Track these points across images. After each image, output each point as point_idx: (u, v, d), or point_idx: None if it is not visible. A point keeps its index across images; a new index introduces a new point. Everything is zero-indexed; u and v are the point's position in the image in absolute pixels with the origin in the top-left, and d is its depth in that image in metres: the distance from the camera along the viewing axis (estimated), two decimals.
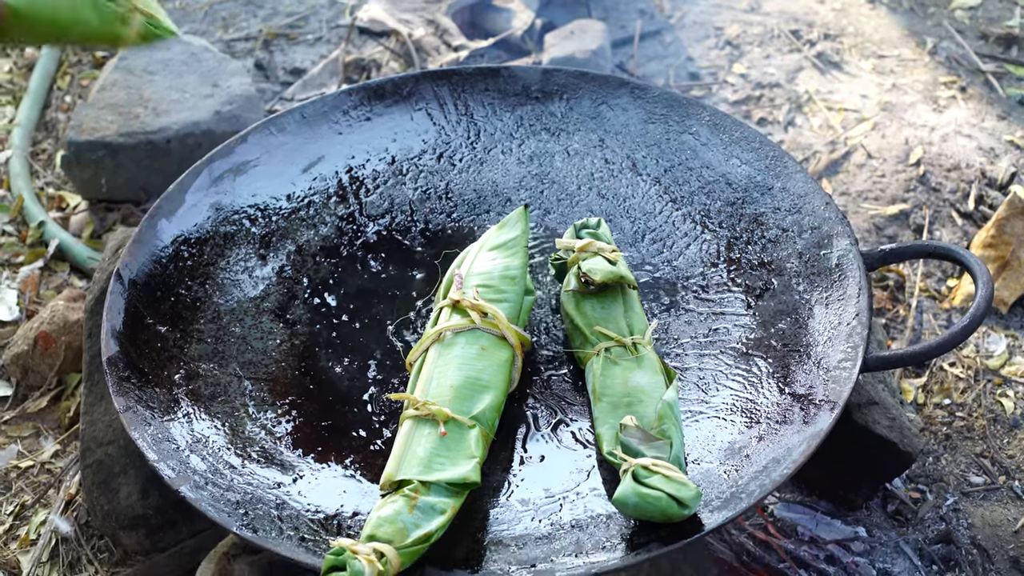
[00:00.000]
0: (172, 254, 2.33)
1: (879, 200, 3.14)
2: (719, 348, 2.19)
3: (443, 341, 2.01)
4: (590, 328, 2.09)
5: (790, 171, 2.42)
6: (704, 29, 3.87)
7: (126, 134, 3.15)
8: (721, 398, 2.09)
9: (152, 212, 2.36)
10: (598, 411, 1.98)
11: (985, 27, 3.83)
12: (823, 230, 2.29)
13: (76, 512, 2.43)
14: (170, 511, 2.25)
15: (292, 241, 2.44)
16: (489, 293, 2.07)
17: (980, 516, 2.41)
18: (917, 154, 3.27)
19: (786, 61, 3.69)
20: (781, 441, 1.94)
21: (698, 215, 2.45)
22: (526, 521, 1.89)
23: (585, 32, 3.56)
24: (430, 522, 1.75)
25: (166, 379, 2.11)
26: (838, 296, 2.17)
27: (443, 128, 2.66)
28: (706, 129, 2.56)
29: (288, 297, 2.34)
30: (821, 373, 2.04)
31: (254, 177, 2.52)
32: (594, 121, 2.65)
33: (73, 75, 3.78)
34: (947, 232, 3.04)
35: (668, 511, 1.75)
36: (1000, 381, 2.67)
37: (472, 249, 2.18)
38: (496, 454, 1.98)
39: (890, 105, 3.48)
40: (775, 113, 3.48)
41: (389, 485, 1.81)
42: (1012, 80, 3.60)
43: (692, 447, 1.98)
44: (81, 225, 3.21)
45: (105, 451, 2.29)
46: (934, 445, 2.54)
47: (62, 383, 2.72)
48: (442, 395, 1.92)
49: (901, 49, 3.75)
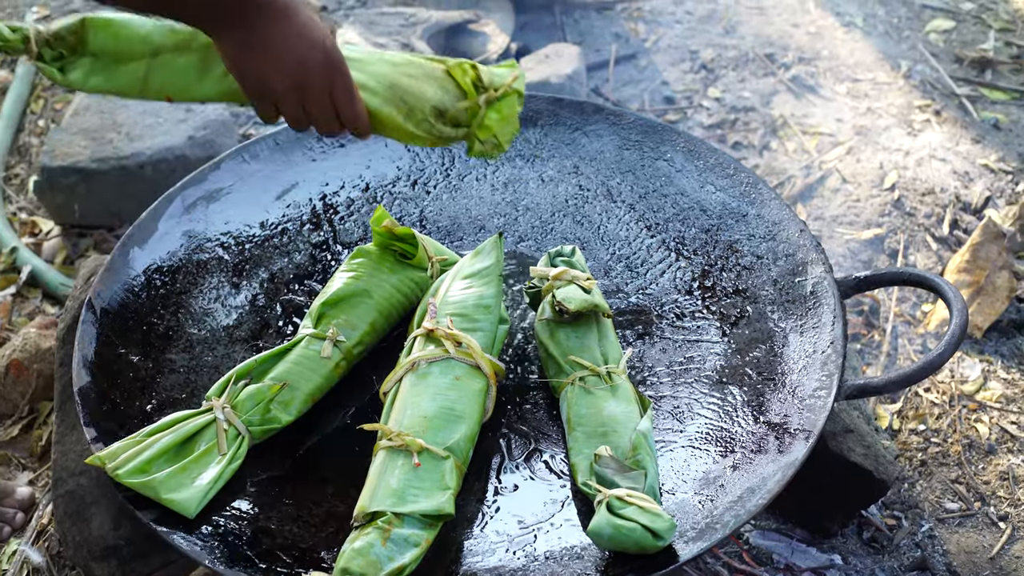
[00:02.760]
0: (144, 283, 2.32)
1: (854, 225, 3.14)
2: (694, 376, 2.18)
3: (417, 371, 2.00)
4: (564, 357, 2.08)
5: (765, 198, 2.42)
6: (679, 53, 3.88)
7: (99, 159, 3.14)
8: (696, 427, 2.08)
9: (124, 240, 2.35)
10: (572, 441, 1.97)
11: (959, 50, 3.84)
12: (798, 257, 2.29)
13: (48, 542, 2.41)
14: (142, 542, 2.23)
15: (265, 269, 2.43)
16: (463, 322, 2.06)
17: (956, 542, 2.41)
18: (892, 178, 3.27)
19: (761, 85, 3.70)
20: (756, 471, 1.94)
21: (673, 242, 2.45)
22: (500, 553, 1.88)
23: (560, 56, 3.56)
24: (404, 555, 1.74)
25: (138, 409, 2.10)
26: (813, 324, 2.16)
27: (417, 155, 2.65)
28: (681, 155, 2.56)
29: (261, 326, 2.32)
30: (796, 402, 2.04)
31: (227, 204, 2.51)
32: (569, 147, 2.64)
33: (47, 99, 3.77)
34: (922, 257, 3.04)
35: (643, 542, 1.75)
36: (975, 406, 2.67)
37: (446, 277, 2.17)
38: (470, 485, 1.97)
39: (865, 129, 3.49)
40: (750, 137, 3.48)
41: (362, 517, 1.80)
42: (986, 103, 3.61)
43: (667, 477, 1.98)
44: (54, 251, 3.19)
45: (77, 481, 2.28)
46: (909, 471, 2.54)
47: (34, 411, 2.70)
48: (416, 425, 1.91)
49: (876, 72, 3.76)
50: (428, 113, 2.10)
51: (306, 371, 2.08)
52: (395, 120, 2.09)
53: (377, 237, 2.26)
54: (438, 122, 2.11)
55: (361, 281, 2.21)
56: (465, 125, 2.13)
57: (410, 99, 2.09)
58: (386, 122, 2.09)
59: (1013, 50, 3.85)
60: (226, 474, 1.94)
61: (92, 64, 2.08)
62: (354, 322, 2.16)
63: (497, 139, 2.14)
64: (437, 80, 2.12)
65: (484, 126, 2.13)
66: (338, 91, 1.98)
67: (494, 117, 2.12)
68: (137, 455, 1.91)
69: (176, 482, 1.90)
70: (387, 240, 2.26)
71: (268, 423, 2.02)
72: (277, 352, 2.09)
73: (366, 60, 2.11)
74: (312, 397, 2.08)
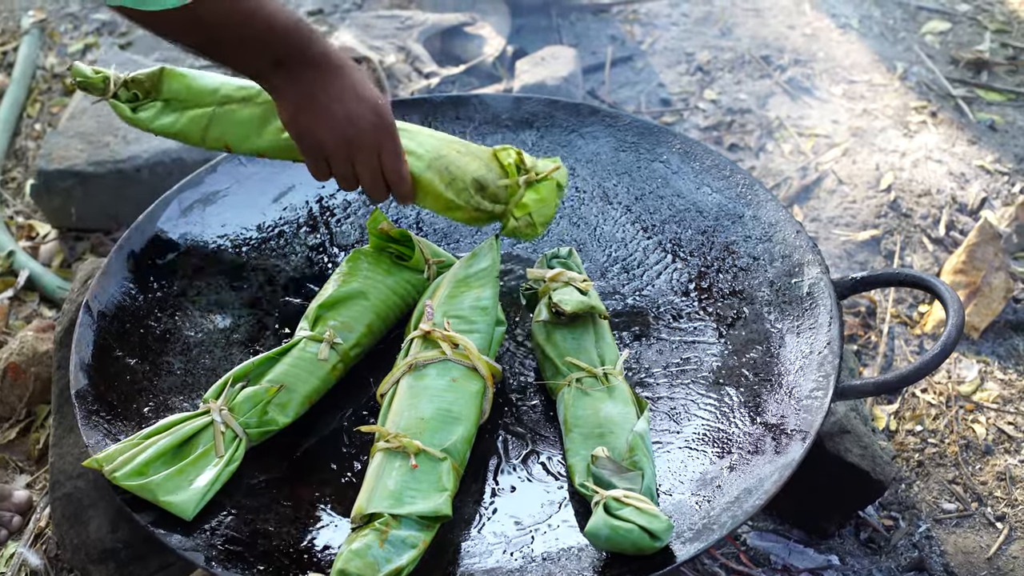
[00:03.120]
0: (141, 286, 2.32)
1: (850, 226, 3.14)
2: (690, 378, 2.18)
3: (414, 373, 2.00)
4: (561, 359, 2.08)
5: (761, 199, 2.42)
6: (675, 55, 3.88)
7: (96, 163, 3.14)
8: (692, 428, 2.08)
9: (121, 243, 2.35)
10: (570, 442, 1.98)
11: (955, 52, 3.85)
12: (794, 259, 2.29)
13: (46, 545, 2.41)
14: (140, 544, 2.23)
15: (262, 272, 2.43)
16: (460, 324, 2.06)
17: (953, 543, 2.41)
18: (888, 180, 3.28)
19: (757, 87, 3.70)
20: (753, 471, 1.94)
21: (669, 244, 2.45)
22: (497, 554, 1.88)
23: (556, 59, 3.56)
24: (401, 556, 1.74)
25: (135, 412, 2.10)
26: (809, 325, 2.17)
27: None
28: (677, 157, 2.56)
29: (258, 328, 2.32)
30: (793, 403, 2.04)
31: (224, 207, 2.51)
32: (565, 149, 2.64)
33: (43, 103, 3.77)
34: (918, 258, 3.04)
35: (640, 543, 1.75)
36: (972, 407, 2.67)
37: (443, 279, 2.17)
38: (467, 486, 1.97)
39: (861, 130, 3.49)
40: (746, 139, 3.48)
41: (360, 518, 1.80)
42: (982, 105, 3.62)
43: (664, 478, 1.98)
44: (51, 254, 3.19)
45: (75, 484, 2.28)
46: (906, 472, 2.55)
47: (31, 414, 2.70)
48: (413, 427, 1.91)
49: (872, 74, 3.76)
50: (469, 184, 2.19)
51: (303, 373, 2.08)
52: (437, 187, 2.17)
53: (374, 239, 2.27)
54: (478, 194, 2.20)
55: (358, 283, 2.21)
56: (503, 203, 2.21)
57: (454, 169, 2.19)
58: (428, 188, 2.18)
59: (1009, 51, 3.86)
60: (223, 476, 1.95)
61: (162, 108, 2.35)
62: (351, 324, 2.17)
63: (532, 219, 2.21)
64: (481, 158, 2.23)
65: (521, 204, 2.21)
66: (386, 152, 2.08)
67: (532, 197, 2.21)
68: (135, 457, 1.91)
69: (174, 484, 1.90)
70: (384, 242, 2.27)
71: (265, 425, 2.02)
72: (274, 354, 2.10)
73: (415, 130, 2.25)
74: (309, 399, 2.09)
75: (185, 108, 2.34)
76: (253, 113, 2.30)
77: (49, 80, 3.88)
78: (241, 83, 2.32)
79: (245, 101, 2.31)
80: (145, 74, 2.35)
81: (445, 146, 2.24)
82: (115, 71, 2.34)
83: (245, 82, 2.31)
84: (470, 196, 2.20)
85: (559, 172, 2.27)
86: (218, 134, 2.32)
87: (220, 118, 2.32)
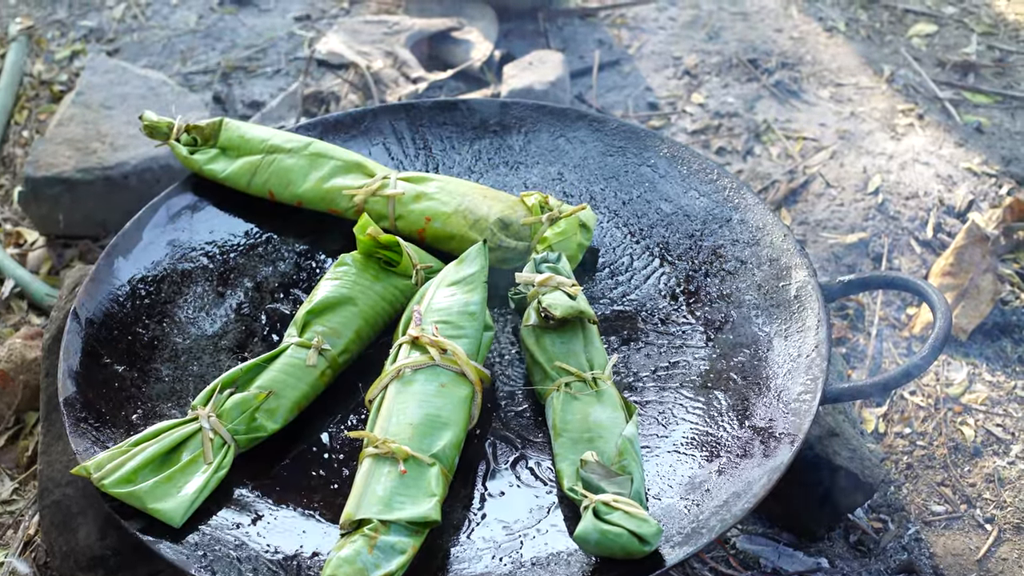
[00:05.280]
0: (129, 292, 2.32)
1: (838, 229, 3.15)
2: (678, 381, 2.19)
3: (402, 378, 2.00)
4: (550, 363, 2.08)
5: (748, 203, 2.43)
6: (663, 59, 3.88)
7: (84, 170, 3.13)
8: (681, 432, 2.08)
9: (109, 250, 2.35)
10: (558, 447, 1.98)
11: (942, 54, 3.85)
12: (782, 262, 2.30)
13: (35, 553, 2.41)
14: (129, 552, 2.22)
15: (250, 278, 2.43)
16: (448, 329, 2.07)
17: (942, 545, 2.41)
18: (876, 182, 3.28)
19: (744, 90, 3.71)
20: (741, 475, 1.94)
21: (657, 248, 2.45)
22: (487, 559, 1.88)
23: (544, 63, 3.56)
24: (390, 562, 1.74)
25: (123, 419, 2.10)
26: (797, 328, 2.17)
27: (401, 162, 2.66)
28: (664, 161, 2.57)
29: (246, 335, 2.32)
30: (781, 406, 2.04)
31: (212, 214, 2.51)
32: (552, 154, 2.65)
33: (31, 109, 3.76)
34: (906, 260, 3.05)
35: (629, 547, 1.75)
36: (960, 409, 2.68)
37: (431, 285, 2.17)
38: (456, 492, 1.98)
39: (848, 133, 3.49)
40: (734, 142, 3.49)
41: (349, 524, 1.81)
42: (969, 107, 3.62)
43: (652, 482, 1.98)
44: (39, 262, 3.19)
45: (63, 491, 2.27)
46: (895, 474, 2.55)
47: (20, 422, 2.70)
48: (402, 433, 1.91)
49: (859, 77, 3.77)
50: (492, 224, 2.36)
51: (292, 379, 2.08)
52: (462, 229, 2.37)
53: (361, 245, 2.27)
54: (501, 232, 2.36)
55: (346, 289, 2.21)
56: (527, 240, 2.35)
57: (477, 211, 2.38)
58: (454, 232, 2.39)
59: (996, 54, 3.86)
60: (212, 483, 1.95)
61: (217, 154, 2.56)
62: (339, 330, 2.17)
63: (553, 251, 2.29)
64: (505, 202, 2.42)
65: (543, 239, 2.33)
66: None
67: (553, 231, 2.33)
68: (123, 465, 1.91)
69: (162, 491, 1.90)
70: (371, 248, 2.27)
71: (254, 432, 2.02)
72: (262, 361, 2.10)
73: (444, 180, 2.47)
74: (298, 405, 2.09)
75: (238, 155, 2.55)
76: (298, 163, 2.51)
77: (36, 87, 3.87)
78: (289, 136, 2.57)
79: (291, 152, 2.52)
80: (206, 123, 2.59)
81: (471, 192, 2.43)
82: (180, 119, 2.60)
83: (293, 136, 2.57)
84: (493, 234, 2.34)
85: (584, 212, 2.37)
86: (263, 180, 2.52)
87: (266, 166, 2.52)
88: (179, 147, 2.55)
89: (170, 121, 2.59)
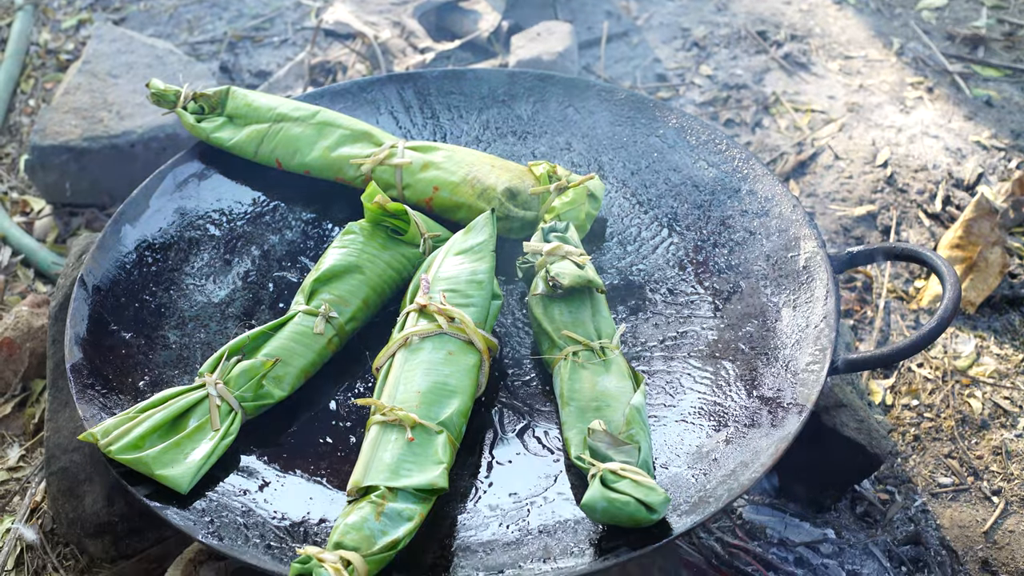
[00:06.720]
0: (136, 260, 2.32)
1: (846, 201, 3.14)
2: (686, 351, 2.18)
3: (410, 346, 2.00)
4: (558, 332, 2.08)
5: (757, 174, 2.42)
6: (671, 30, 3.87)
7: (90, 138, 3.13)
8: (689, 401, 2.08)
9: (116, 217, 2.34)
10: (566, 415, 1.97)
11: (952, 28, 3.84)
12: (790, 233, 2.29)
13: (41, 519, 2.41)
14: (136, 518, 2.23)
15: (257, 246, 2.42)
16: (456, 298, 2.06)
17: (949, 517, 2.41)
18: (884, 155, 3.27)
19: (753, 62, 3.69)
20: (749, 444, 1.94)
21: (665, 218, 2.45)
22: (494, 527, 1.88)
23: (552, 34, 3.55)
24: (397, 529, 1.74)
25: (130, 386, 2.10)
26: (806, 299, 2.16)
27: (409, 131, 2.65)
28: (673, 132, 2.56)
29: (253, 302, 2.32)
30: (789, 376, 2.04)
31: (218, 181, 2.51)
32: (561, 124, 2.64)
33: (37, 78, 3.76)
34: (914, 233, 3.04)
35: (636, 516, 1.75)
36: (968, 381, 2.67)
37: (439, 253, 2.16)
38: (463, 459, 1.97)
39: (857, 106, 3.48)
40: (742, 114, 3.48)
41: (356, 491, 1.80)
42: (978, 80, 3.61)
43: (660, 451, 1.98)
44: (46, 230, 3.18)
45: (70, 458, 2.27)
46: (902, 446, 2.55)
47: (27, 389, 2.70)
48: (409, 400, 1.91)
49: (868, 50, 3.75)
50: (500, 193, 2.36)
51: (299, 347, 2.08)
52: (470, 199, 2.38)
53: (369, 213, 2.26)
54: (509, 202, 2.36)
55: (353, 257, 2.21)
56: (535, 209, 2.35)
57: (485, 180, 2.38)
58: (462, 201, 2.39)
59: (1005, 27, 3.85)
60: (219, 450, 1.94)
61: (224, 122, 2.57)
62: (347, 298, 2.17)
63: (561, 221, 2.29)
64: (513, 171, 2.41)
65: (551, 208, 2.32)
66: None
67: (561, 201, 2.33)
68: (130, 431, 1.91)
69: (169, 458, 1.90)
70: (379, 216, 2.26)
71: (261, 399, 2.02)
72: (270, 328, 2.10)
73: (451, 149, 2.47)
74: (305, 373, 2.09)
75: (245, 124, 2.56)
76: (305, 131, 2.51)
77: (43, 56, 3.86)
78: (296, 104, 2.57)
79: (298, 120, 2.53)
80: (212, 91, 2.59)
81: (478, 162, 2.43)
82: (187, 87, 2.60)
83: (301, 104, 2.57)
84: (501, 203, 2.34)
85: (593, 182, 2.37)
86: (270, 148, 2.52)
87: (274, 134, 2.53)
88: (186, 115, 2.56)
89: (177, 89, 2.59)
